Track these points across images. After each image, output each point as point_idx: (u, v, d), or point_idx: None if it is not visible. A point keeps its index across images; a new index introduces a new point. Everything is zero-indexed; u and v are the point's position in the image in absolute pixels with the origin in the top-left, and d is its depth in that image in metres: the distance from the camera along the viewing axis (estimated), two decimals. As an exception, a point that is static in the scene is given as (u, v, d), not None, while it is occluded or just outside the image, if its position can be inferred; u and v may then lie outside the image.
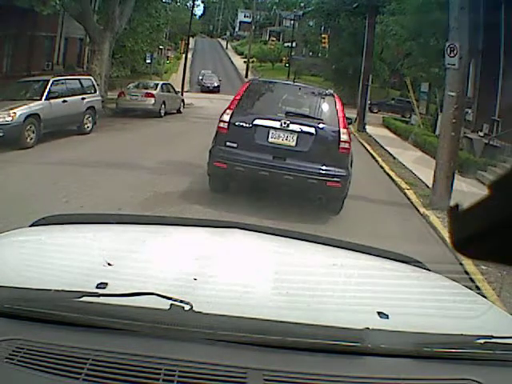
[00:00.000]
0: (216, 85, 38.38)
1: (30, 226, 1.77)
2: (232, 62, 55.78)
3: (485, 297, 1.60)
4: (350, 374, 1.03)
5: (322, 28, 44.71)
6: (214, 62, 52.43)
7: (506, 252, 0.47)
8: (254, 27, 60.37)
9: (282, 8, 70.31)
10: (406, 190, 9.64)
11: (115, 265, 1.36)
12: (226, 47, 67.02)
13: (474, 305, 1.47)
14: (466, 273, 4.62)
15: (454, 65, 7.82)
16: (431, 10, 18.10)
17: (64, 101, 11.68)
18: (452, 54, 7.79)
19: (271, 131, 6.23)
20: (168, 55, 44.43)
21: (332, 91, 7.00)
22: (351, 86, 32.82)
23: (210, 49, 61.77)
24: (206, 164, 6.62)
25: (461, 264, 4.68)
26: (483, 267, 4.86)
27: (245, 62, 51.53)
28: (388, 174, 11.61)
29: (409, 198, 9.07)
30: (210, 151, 6.48)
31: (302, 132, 6.21)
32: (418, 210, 8.15)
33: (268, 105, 6.59)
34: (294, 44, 48.73)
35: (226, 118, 6.38)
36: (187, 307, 1.08)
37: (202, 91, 36.96)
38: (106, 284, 1.20)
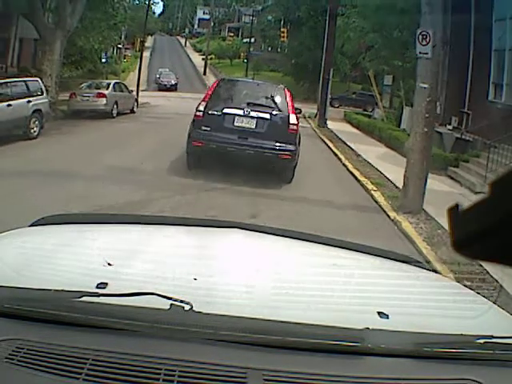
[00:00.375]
0: (173, 83, 37.87)
1: (29, 226, 1.77)
2: (190, 59, 54.08)
3: (485, 297, 1.60)
4: (349, 374, 1.03)
5: (282, 22, 43.19)
6: (172, 60, 51.22)
7: (506, 252, 0.47)
8: (213, 24, 58.64)
9: (241, 4, 67.08)
10: (372, 192, 8.71)
11: (115, 265, 1.36)
12: (185, 45, 65.05)
13: (474, 305, 1.47)
14: (466, 273, 4.64)
15: (426, 53, 7.12)
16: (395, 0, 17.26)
17: (8, 105, 10.83)
18: (424, 42, 7.11)
19: (236, 117, 8.20)
20: (125, 54, 44.01)
21: (283, 86, 9.07)
22: (312, 80, 32.69)
23: (168, 47, 60.72)
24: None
25: (461, 264, 4.70)
26: (483, 267, 4.87)
27: (203, 59, 50.18)
28: (352, 174, 10.55)
29: (376, 201, 8.14)
30: (189, 134, 8.33)
31: (259, 117, 8.17)
32: (388, 216, 7.34)
33: (233, 97, 8.51)
34: (252, 40, 47.09)
35: (201, 107, 8.33)
36: (187, 307, 1.08)
37: (160, 90, 36.09)
38: (106, 284, 1.20)
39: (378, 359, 1.09)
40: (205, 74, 45.59)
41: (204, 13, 69.55)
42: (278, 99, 8.43)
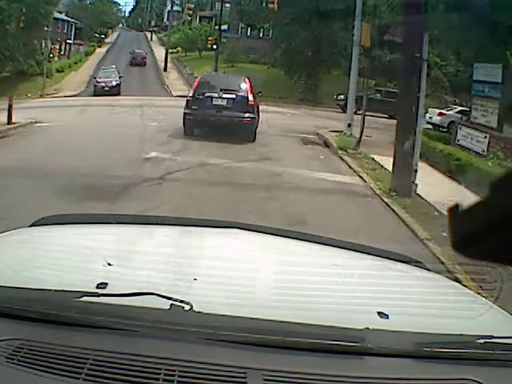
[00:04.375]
0: (114, 84, 28.12)
1: (29, 226, 1.77)
2: (153, 54, 45.99)
3: (485, 297, 1.60)
4: (350, 374, 1.03)
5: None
6: (128, 56, 43.36)
7: (506, 252, 0.47)
8: (182, 12, 49.78)
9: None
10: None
11: (115, 265, 1.36)
12: (151, 39, 58.18)
13: (474, 305, 1.47)
14: (466, 273, 4.63)
15: None
16: None
17: None
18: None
19: (213, 98, 12.40)
20: (53, 49, 34.26)
21: (244, 76, 13.81)
22: (309, 73, 27.39)
23: (132, 42, 53.02)
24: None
25: (461, 264, 4.70)
26: (483, 267, 4.86)
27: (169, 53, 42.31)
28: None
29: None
30: (184, 112, 12.55)
31: (229, 98, 12.39)
32: None
33: (212, 85, 12.83)
34: (226, 27, 36.40)
35: (191, 94, 12.80)
36: (187, 307, 1.08)
37: (96, 94, 26.74)
38: (106, 284, 1.20)
39: (378, 359, 1.09)
40: (165, 70, 37.73)
41: (173, 4, 61.01)
42: (241, 85, 12.81)
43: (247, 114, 12.32)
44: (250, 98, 12.52)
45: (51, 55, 32.91)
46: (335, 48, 26.46)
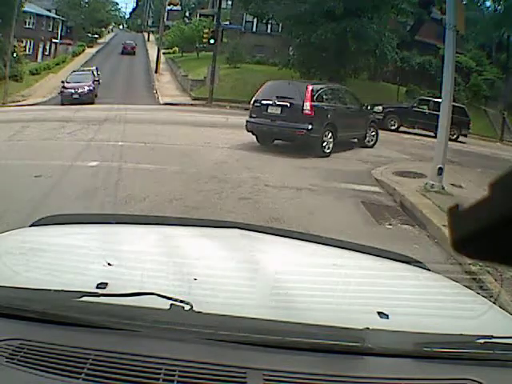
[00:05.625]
0: (86, 90, 22.61)
1: (29, 226, 1.77)
2: (147, 55, 42.68)
3: (485, 297, 1.60)
4: (350, 374, 1.03)
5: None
6: (122, 58, 41.29)
7: (506, 252, 0.47)
8: (183, 13, 47.12)
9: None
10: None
11: (115, 265, 1.36)
12: (148, 39, 55.80)
13: (474, 305, 1.47)
14: (466, 273, 4.62)
15: None
16: None
17: None
18: None
19: (269, 106, 11.36)
20: (16, 48, 28.42)
21: (307, 83, 12.15)
22: (332, 76, 20.81)
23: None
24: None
25: (461, 264, 4.69)
26: (483, 267, 4.86)
27: (164, 53, 39.22)
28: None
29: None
30: (246, 121, 11.84)
31: (283, 106, 11.18)
32: None
33: (270, 92, 11.62)
34: (226, 15, 30.78)
35: (252, 102, 11.96)
36: (187, 307, 1.08)
37: (63, 103, 21.97)
38: (106, 284, 1.20)
39: (378, 359, 1.09)
40: (157, 71, 34.17)
41: (173, 4, 56.98)
42: (298, 92, 11.30)
43: (301, 125, 10.87)
44: (306, 106, 11.02)
45: (15, 55, 27.82)
46: (365, 45, 21.14)
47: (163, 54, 38.51)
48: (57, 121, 14.70)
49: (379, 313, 1.22)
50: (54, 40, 35.40)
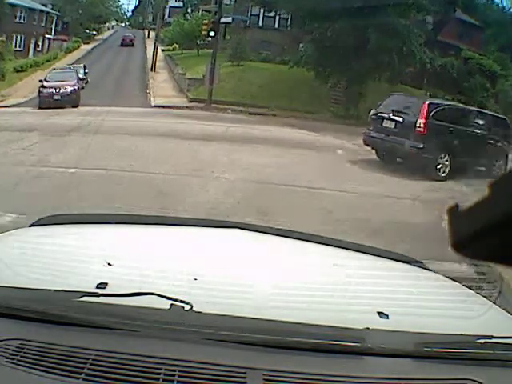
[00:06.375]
0: (69, 91, 19.06)
1: (29, 226, 1.77)
2: (145, 52, 38.65)
3: (485, 297, 1.60)
4: (350, 374, 1.03)
5: None
6: (119, 54, 37.48)
7: (506, 252, 0.47)
8: (185, 9, 43.36)
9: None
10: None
11: (115, 265, 1.35)
12: (148, 36, 51.89)
13: (474, 305, 1.47)
14: (466, 273, 4.61)
15: None
16: None
17: None
18: None
19: (384, 120, 10.95)
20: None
21: (425, 98, 12.19)
22: (353, 77, 18.67)
23: (120, 45, 46.66)
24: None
25: (461, 264, 4.68)
26: (483, 267, 4.84)
27: (163, 50, 36.53)
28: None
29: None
30: (365, 132, 11.49)
31: (397, 120, 10.69)
32: None
33: (389, 105, 11.25)
34: (228, 10, 27.56)
35: (372, 113, 11.57)
36: (187, 307, 1.08)
37: (41, 106, 18.29)
38: (106, 284, 1.20)
39: (378, 359, 1.09)
40: (154, 69, 31.00)
41: (176, 0, 53.78)
42: (414, 106, 10.87)
43: (413, 142, 10.16)
44: (420, 123, 10.23)
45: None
46: (391, 41, 18.12)
47: (162, 51, 35.77)
48: (19, 130, 11.77)
49: (379, 313, 1.22)
50: (47, 35, 32.98)
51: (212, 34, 21.73)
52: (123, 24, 71.68)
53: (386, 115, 10.93)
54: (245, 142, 10.48)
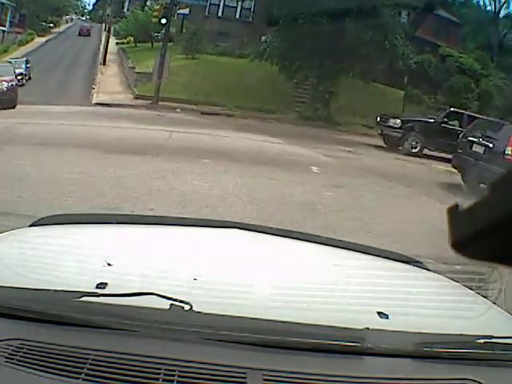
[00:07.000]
0: (5, 88, 15.90)
1: (29, 226, 1.77)
2: (100, 46, 35.77)
3: (485, 297, 1.60)
4: (350, 374, 1.03)
5: None
6: (71, 49, 35.37)
7: (506, 252, 0.47)
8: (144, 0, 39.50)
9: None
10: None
11: (115, 265, 1.35)
12: (105, 29, 48.38)
13: (474, 305, 1.47)
14: (466, 273, 4.58)
15: None
16: None
17: None
18: None
19: (474, 144, 10.50)
20: None
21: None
22: (324, 73, 16.18)
23: (78, 35, 45.45)
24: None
25: (461, 264, 4.66)
26: (483, 267, 4.83)
27: (117, 43, 35.21)
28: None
29: None
30: (454, 154, 11.26)
31: (486, 145, 10.18)
32: None
33: (479, 128, 11.08)
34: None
35: (462, 135, 11.27)
36: (187, 307, 1.08)
37: None
38: (106, 284, 1.20)
39: (377, 359, 1.09)
40: (104, 63, 28.59)
41: None
42: (504, 132, 10.41)
43: (501, 169, 9.96)
44: (509, 151, 9.70)
45: None
46: (372, 33, 15.73)
47: (117, 44, 34.20)
48: None
49: (379, 313, 1.22)
50: (2, 28, 30.85)
51: (164, 21, 18.96)
52: (84, 18, 70.89)
53: (475, 139, 10.50)
54: (191, 154, 7.84)
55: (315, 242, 1.74)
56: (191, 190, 6.37)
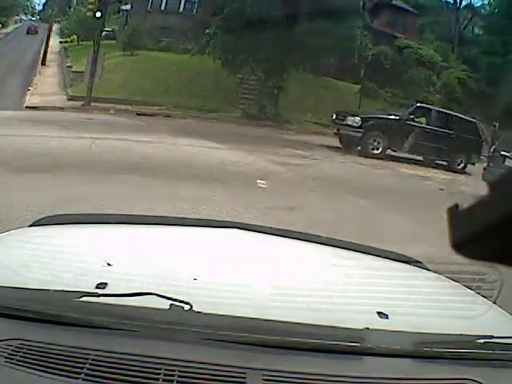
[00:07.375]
0: None
1: (29, 226, 1.77)
2: (42, 44, 32.77)
3: (485, 297, 1.60)
4: (350, 374, 1.03)
5: None
6: (15, 50, 32.84)
7: (506, 252, 0.47)
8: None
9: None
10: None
11: (115, 265, 1.35)
12: (52, 28, 46.37)
13: (474, 305, 1.47)
14: (466, 273, 4.57)
15: None
16: None
17: None
18: None
19: (506, 158, 10.24)
20: None
21: None
22: (272, 68, 15.06)
23: (26, 33, 44.19)
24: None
25: (461, 264, 4.65)
26: (483, 267, 4.82)
27: (61, 42, 34.07)
28: None
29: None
30: (485, 168, 11.15)
31: None
32: None
33: (504, 145, 10.98)
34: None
35: (492, 149, 11.32)
36: (187, 307, 1.08)
37: None
38: (106, 284, 1.20)
39: (377, 359, 1.09)
40: (44, 63, 27.17)
41: None
42: None
43: None
44: None
45: None
46: (329, 23, 14.37)
47: (60, 43, 33.06)
48: None
49: (379, 313, 1.22)
50: None
51: (98, 14, 17.03)
52: (34, 18, 70.14)
53: (508, 154, 10.53)
54: (115, 171, 6.33)
55: (315, 242, 1.74)
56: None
